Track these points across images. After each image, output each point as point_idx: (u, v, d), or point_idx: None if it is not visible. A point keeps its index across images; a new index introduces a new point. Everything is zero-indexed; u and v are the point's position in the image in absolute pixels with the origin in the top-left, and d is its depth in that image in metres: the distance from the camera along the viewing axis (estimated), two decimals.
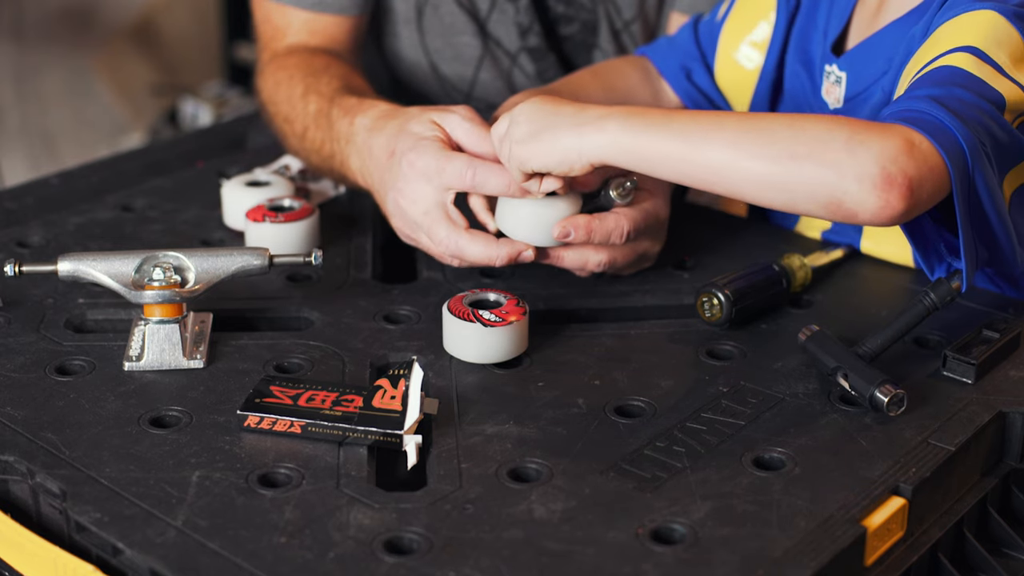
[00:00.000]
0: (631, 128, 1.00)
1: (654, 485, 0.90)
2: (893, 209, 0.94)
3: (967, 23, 1.08)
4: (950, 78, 1.04)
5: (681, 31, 1.39)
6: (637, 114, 1.01)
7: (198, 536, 0.84)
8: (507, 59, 1.56)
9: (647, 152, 0.99)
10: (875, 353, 1.02)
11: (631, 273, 1.21)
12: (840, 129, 0.95)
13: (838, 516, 0.87)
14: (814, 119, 0.98)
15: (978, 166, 0.98)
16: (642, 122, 1.00)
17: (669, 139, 0.98)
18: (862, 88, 1.20)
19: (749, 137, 0.97)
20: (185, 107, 3.23)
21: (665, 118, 1.00)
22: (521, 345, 1.07)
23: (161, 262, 1.07)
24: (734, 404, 1.00)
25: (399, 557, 0.83)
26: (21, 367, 1.05)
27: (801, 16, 1.28)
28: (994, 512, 0.99)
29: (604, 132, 1.00)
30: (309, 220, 1.24)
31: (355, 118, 1.25)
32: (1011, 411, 1.00)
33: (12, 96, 3.07)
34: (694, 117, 1.00)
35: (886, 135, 0.95)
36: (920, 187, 0.95)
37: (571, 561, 0.83)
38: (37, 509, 0.93)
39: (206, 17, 3.46)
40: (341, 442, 0.95)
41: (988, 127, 1.01)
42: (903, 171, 0.93)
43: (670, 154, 0.99)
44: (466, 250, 1.12)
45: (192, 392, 1.02)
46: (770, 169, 0.96)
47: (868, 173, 0.93)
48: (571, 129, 1.02)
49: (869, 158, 0.93)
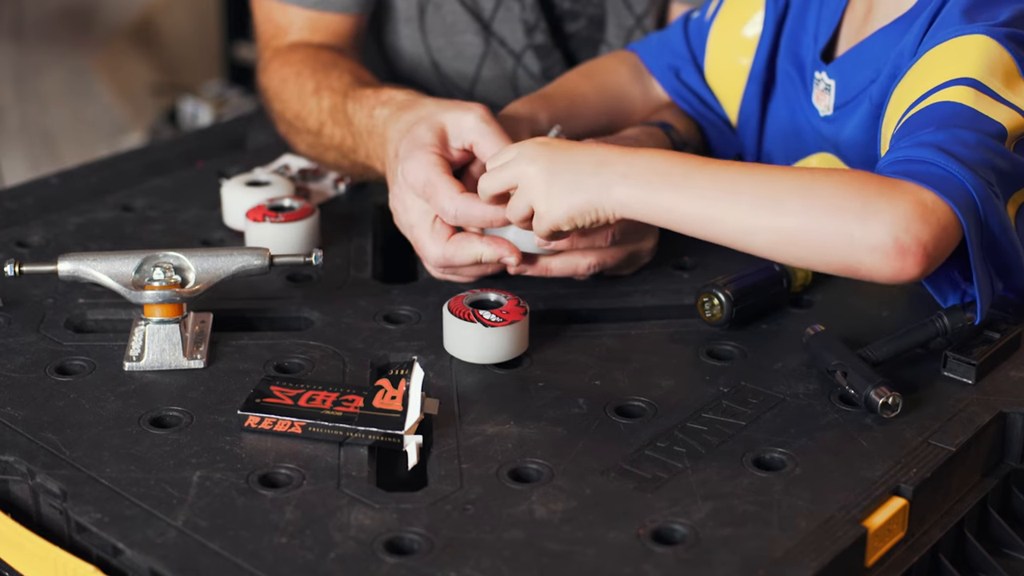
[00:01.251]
0: (653, 191, 1.00)
1: (655, 485, 0.90)
2: (909, 274, 0.94)
3: (960, 50, 1.06)
4: (951, 118, 1.02)
5: (672, 28, 1.39)
6: (657, 175, 1.00)
7: (198, 536, 0.84)
8: (511, 58, 1.55)
9: (668, 217, 1.00)
10: (878, 360, 1.02)
11: (630, 272, 1.21)
12: (853, 196, 0.95)
13: (839, 516, 0.87)
14: (827, 180, 0.97)
15: (990, 209, 0.98)
16: (662, 185, 1.00)
17: (687, 203, 0.99)
18: (851, 96, 1.20)
19: (765, 207, 0.97)
20: (185, 107, 3.24)
21: (684, 180, 1.00)
22: (521, 345, 1.07)
23: (161, 262, 1.07)
24: (735, 404, 1.00)
25: (400, 557, 0.83)
26: (21, 367, 1.05)
27: (791, 18, 1.28)
28: (995, 512, 0.99)
29: (626, 190, 1.00)
30: (309, 220, 1.24)
31: (374, 110, 1.25)
32: (1011, 411, 1.00)
33: (12, 96, 3.07)
34: (713, 179, 1.00)
35: (897, 201, 0.94)
36: (936, 249, 0.94)
37: (572, 561, 0.83)
38: (37, 509, 0.93)
39: (206, 17, 3.46)
40: (342, 442, 0.95)
41: (993, 163, 1.01)
42: (917, 239, 0.93)
43: (689, 218, 1.00)
44: (454, 257, 1.13)
45: (192, 392, 1.02)
46: (785, 239, 0.97)
47: (882, 244, 0.93)
48: (598, 192, 1.01)
49: (882, 229, 0.93)
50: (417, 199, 1.14)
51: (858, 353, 1.01)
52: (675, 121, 1.35)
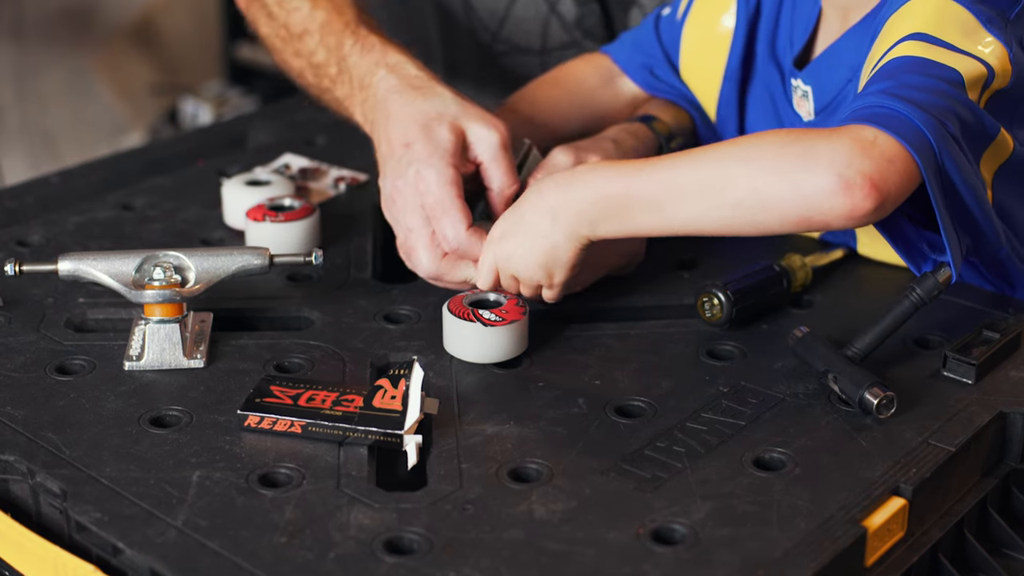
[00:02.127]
0: (610, 219, 1.03)
1: (654, 485, 0.90)
2: (863, 210, 0.95)
3: (910, 12, 1.07)
4: (898, 68, 1.03)
5: (643, 27, 1.37)
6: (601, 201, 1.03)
7: (198, 536, 0.84)
8: (545, 1, 1.51)
9: (636, 229, 1.04)
10: (864, 354, 1.02)
11: (627, 272, 1.21)
12: (792, 146, 0.96)
13: (838, 516, 0.87)
14: (765, 140, 0.99)
15: (945, 148, 0.98)
16: (614, 210, 1.03)
17: (643, 215, 1.02)
18: (829, 99, 1.19)
19: (714, 187, 0.99)
20: (185, 107, 3.24)
21: (627, 197, 1.02)
22: (521, 345, 1.07)
23: (161, 261, 1.07)
24: (734, 404, 1.00)
25: (399, 557, 0.83)
26: (21, 367, 1.05)
27: (764, 19, 1.27)
28: (994, 512, 0.99)
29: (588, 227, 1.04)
30: (309, 219, 1.24)
31: (378, 68, 1.19)
32: (1011, 411, 1.00)
33: (12, 95, 3.07)
34: (653, 183, 1.01)
35: (834, 140, 0.95)
36: (885, 182, 0.95)
37: (571, 561, 0.83)
38: (37, 509, 0.93)
39: (206, 17, 3.46)
40: (341, 442, 0.95)
41: (950, 107, 1.00)
42: (860, 172, 0.94)
43: (653, 226, 1.03)
44: (447, 276, 1.13)
45: (192, 392, 1.02)
46: (741, 209, 0.98)
47: (827, 184, 0.94)
48: (568, 241, 1.05)
49: (823, 169, 0.94)
50: (419, 208, 1.11)
51: (843, 352, 1.01)
52: (660, 112, 1.32)
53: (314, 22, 1.28)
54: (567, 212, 1.04)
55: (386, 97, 1.16)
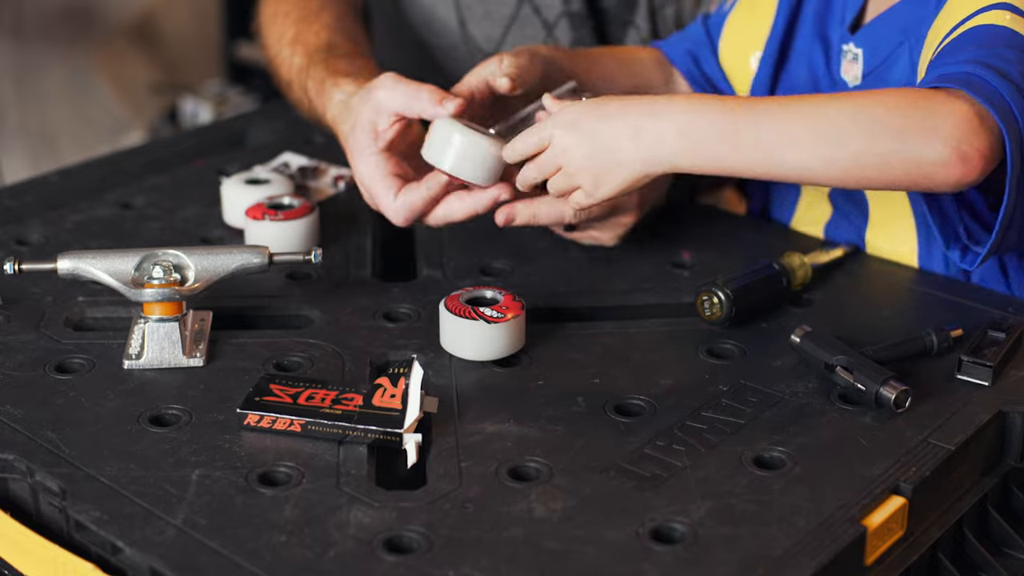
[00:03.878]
0: (701, 148, 1.02)
1: (654, 484, 0.90)
2: (970, 179, 0.98)
3: None
4: (991, 38, 1.04)
5: (693, 22, 1.39)
6: (698, 130, 1.02)
7: (198, 535, 0.84)
8: (542, 27, 1.52)
9: (722, 167, 1.03)
10: (874, 357, 1.02)
11: (613, 241, 1.22)
12: (910, 114, 0.98)
13: (838, 515, 0.87)
14: (880, 102, 1.00)
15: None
16: (709, 139, 1.01)
17: (740, 154, 1.01)
18: (879, 62, 1.20)
19: (825, 142, 0.99)
20: (185, 106, 3.23)
21: (733, 131, 1.01)
22: (520, 341, 1.07)
23: (161, 260, 1.07)
24: (734, 403, 1.00)
25: (399, 556, 0.83)
26: (21, 365, 1.05)
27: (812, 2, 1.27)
28: (994, 511, 0.99)
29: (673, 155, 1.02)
30: (309, 218, 1.24)
31: (326, 107, 1.29)
32: (1011, 410, 1.00)
33: (12, 94, 3.07)
34: (762, 125, 1.01)
35: (955, 113, 0.97)
36: (992, 154, 0.98)
37: (571, 560, 0.83)
38: (37, 508, 0.93)
39: (206, 16, 3.46)
40: (341, 440, 0.95)
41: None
42: (976, 147, 0.97)
43: (744, 167, 1.02)
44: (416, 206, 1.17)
45: (192, 390, 1.02)
46: (849, 167, 1.00)
47: (944, 156, 0.97)
48: (641, 164, 1.04)
49: (942, 142, 0.97)
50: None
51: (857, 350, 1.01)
52: None
53: (293, 70, 1.41)
54: (651, 135, 1.02)
55: (335, 124, 1.27)
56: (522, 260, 1.24)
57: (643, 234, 1.27)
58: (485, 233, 1.28)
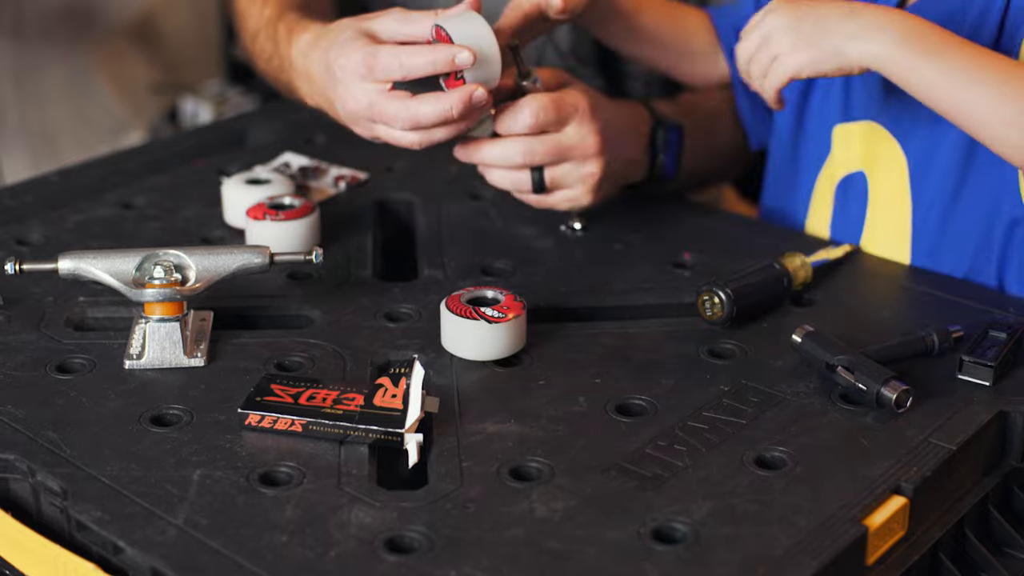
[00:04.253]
0: (908, 51, 1.04)
1: (655, 484, 0.90)
2: None
3: None
4: None
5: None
6: (915, 36, 1.04)
7: (199, 535, 0.84)
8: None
9: (914, 79, 1.05)
10: (874, 357, 1.02)
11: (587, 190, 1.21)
12: None
13: (839, 515, 0.87)
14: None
15: None
16: (919, 48, 1.04)
17: (938, 74, 1.04)
18: None
19: (1012, 93, 1.02)
20: (185, 105, 3.23)
21: (940, 48, 1.04)
22: (521, 341, 1.07)
23: (162, 260, 1.07)
24: (735, 403, 1.00)
25: (400, 556, 0.83)
26: (22, 365, 1.05)
27: None
28: (995, 511, 0.99)
29: (882, 46, 1.05)
30: (309, 218, 1.24)
31: (292, 44, 1.28)
32: (1012, 410, 1.00)
33: (12, 94, 3.07)
34: (964, 55, 1.04)
35: None
36: None
37: (572, 560, 0.83)
38: (38, 508, 0.93)
39: (206, 16, 3.46)
40: (342, 440, 0.95)
41: None
42: None
43: (934, 88, 1.04)
44: (420, 112, 1.13)
45: (193, 390, 1.02)
46: (1010, 127, 1.02)
47: None
48: (847, 39, 1.05)
49: None
50: (363, 85, 1.15)
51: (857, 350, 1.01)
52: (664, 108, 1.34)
53: (261, 20, 1.40)
54: (867, 19, 1.04)
55: (304, 64, 1.24)
56: (523, 260, 1.24)
57: (636, 237, 1.27)
58: (486, 233, 1.28)
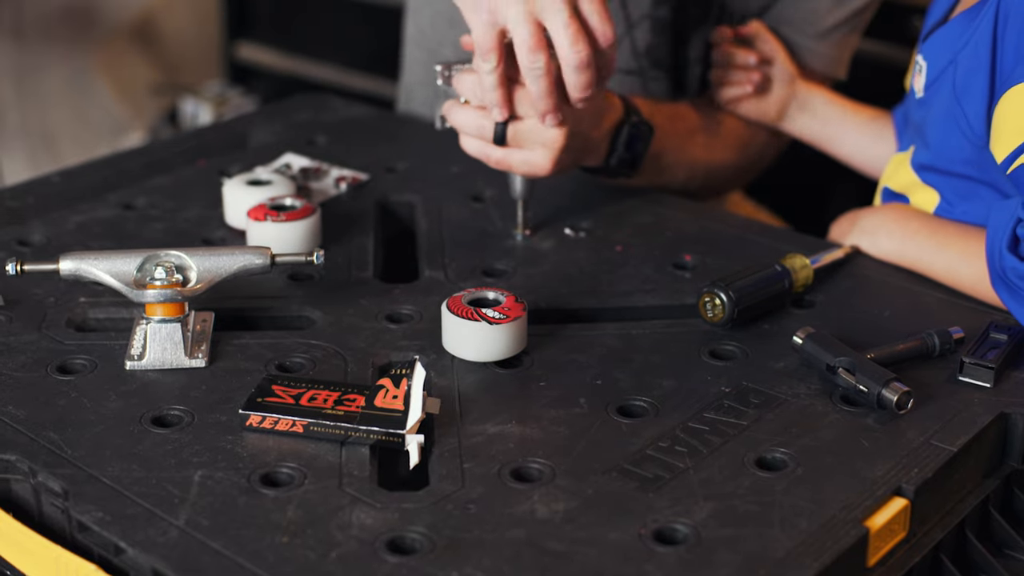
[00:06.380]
0: (906, 249, 1.22)
1: (656, 485, 0.90)
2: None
3: None
4: None
5: None
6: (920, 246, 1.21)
7: (200, 535, 0.84)
8: (623, 22, 1.47)
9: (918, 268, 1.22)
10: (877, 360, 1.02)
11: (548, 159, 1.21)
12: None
13: (840, 517, 0.87)
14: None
15: None
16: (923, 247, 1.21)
17: (933, 264, 1.20)
18: (935, 77, 1.21)
19: (973, 268, 1.16)
20: (185, 106, 3.23)
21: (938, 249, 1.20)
22: (522, 342, 1.07)
23: (163, 261, 1.07)
24: (736, 404, 1.00)
25: (401, 557, 0.83)
26: (23, 366, 1.05)
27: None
28: (996, 513, 0.99)
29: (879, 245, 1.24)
30: (311, 219, 1.24)
31: None
32: (1013, 412, 1.00)
33: (12, 95, 3.07)
34: (954, 247, 1.19)
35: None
36: None
37: (573, 561, 0.83)
38: (39, 508, 0.93)
39: (206, 17, 3.46)
40: (343, 441, 0.95)
41: None
42: None
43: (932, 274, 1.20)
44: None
45: (194, 391, 1.02)
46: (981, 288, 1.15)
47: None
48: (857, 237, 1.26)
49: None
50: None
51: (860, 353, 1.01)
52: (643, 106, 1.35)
53: None
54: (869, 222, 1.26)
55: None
56: (524, 261, 1.24)
57: (637, 238, 1.27)
58: (487, 234, 1.28)
